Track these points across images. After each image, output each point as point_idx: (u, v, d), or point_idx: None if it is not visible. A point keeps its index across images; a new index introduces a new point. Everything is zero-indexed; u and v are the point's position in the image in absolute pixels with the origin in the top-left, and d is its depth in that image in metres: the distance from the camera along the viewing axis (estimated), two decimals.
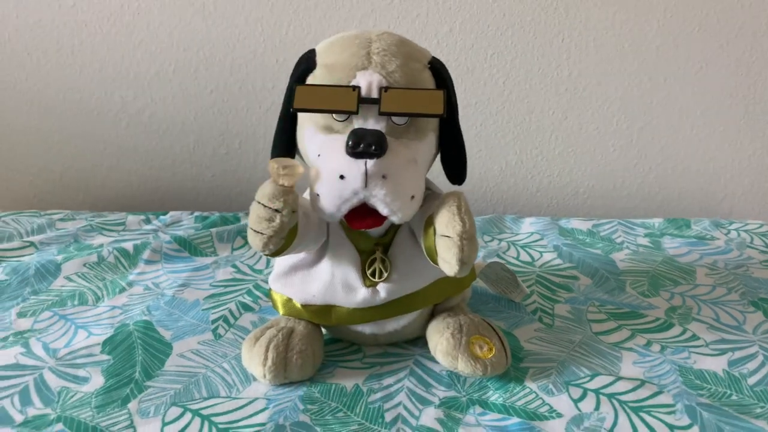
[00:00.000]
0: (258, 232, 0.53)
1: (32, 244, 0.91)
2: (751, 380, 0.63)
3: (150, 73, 1.13)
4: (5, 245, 0.90)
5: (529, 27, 1.13)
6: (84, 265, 0.85)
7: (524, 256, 0.94)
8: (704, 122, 1.19)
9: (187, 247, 0.93)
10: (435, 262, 0.56)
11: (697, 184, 1.23)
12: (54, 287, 0.80)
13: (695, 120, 1.19)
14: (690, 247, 0.99)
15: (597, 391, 0.60)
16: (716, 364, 0.66)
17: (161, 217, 1.05)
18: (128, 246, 0.90)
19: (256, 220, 0.53)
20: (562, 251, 0.96)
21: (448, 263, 0.53)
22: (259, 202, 0.53)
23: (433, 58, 0.61)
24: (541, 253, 0.96)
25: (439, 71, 0.60)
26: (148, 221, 1.03)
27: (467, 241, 0.52)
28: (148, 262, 0.88)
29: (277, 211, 0.52)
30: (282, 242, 0.54)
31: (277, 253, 0.55)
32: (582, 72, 1.16)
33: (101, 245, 0.92)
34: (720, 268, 0.91)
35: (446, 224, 0.53)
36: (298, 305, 0.63)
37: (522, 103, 1.17)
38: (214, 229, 0.98)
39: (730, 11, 1.12)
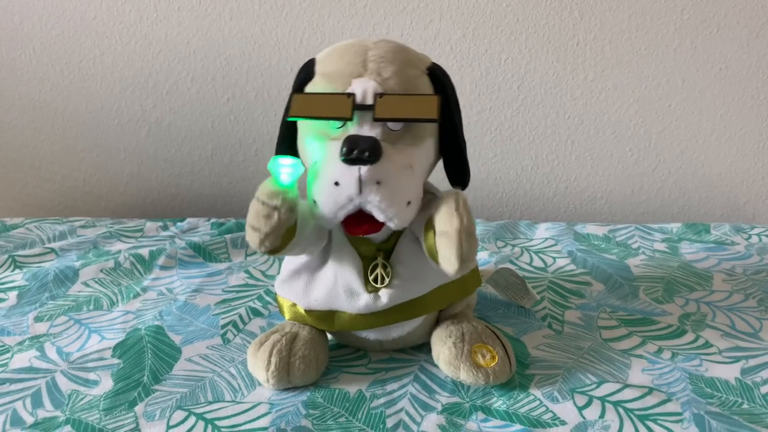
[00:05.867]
0: (255, 229, 0.54)
1: (53, 250, 0.94)
2: (765, 389, 0.62)
3: (168, 82, 1.16)
4: (27, 251, 0.93)
5: (543, 31, 1.12)
6: (101, 270, 0.87)
7: (537, 262, 0.94)
8: (725, 125, 1.17)
9: (202, 253, 0.94)
10: (437, 261, 0.56)
11: (718, 188, 1.21)
12: (71, 292, 0.82)
13: (715, 123, 1.17)
14: (708, 252, 0.97)
15: (603, 399, 0.60)
16: (729, 372, 0.64)
17: (178, 223, 1.07)
18: (144, 252, 0.92)
19: (255, 217, 0.54)
20: (576, 257, 0.95)
21: (448, 260, 0.53)
22: (258, 199, 0.54)
23: (433, 64, 0.61)
24: (554, 258, 0.95)
25: (438, 77, 0.60)
26: (165, 228, 1.05)
27: (466, 237, 0.52)
28: (163, 267, 0.89)
29: (275, 208, 0.53)
30: (279, 241, 0.54)
31: (274, 251, 0.56)
32: (598, 75, 1.14)
33: (119, 251, 0.94)
34: (738, 273, 0.89)
35: (445, 222, 0.53)
36: (302, 310, 0.64)
37: (537, 108, 1.17)
38: (228, 236, 0.99)
39: (749, 11, 1.10)
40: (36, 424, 0.56)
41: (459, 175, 0.63)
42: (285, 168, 0.54)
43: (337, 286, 0.61)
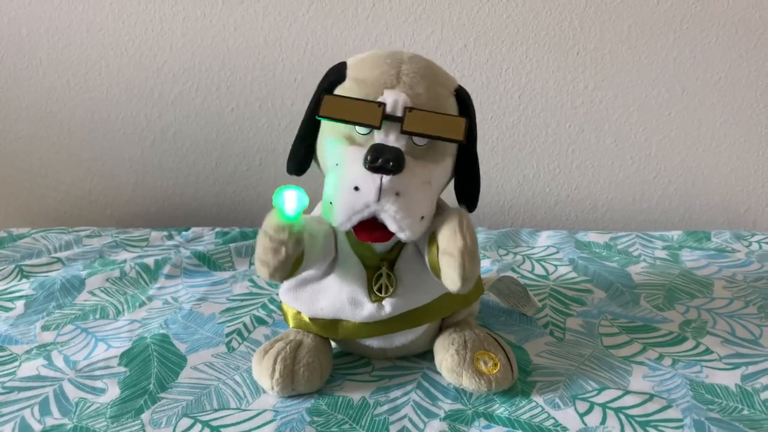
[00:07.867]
0: (265, 263, 0.55)
1: (59, 260, 0.95)
2: (765, 395, 0.62)
3: (173, 92, 1.17)
4: (34, 261, 0.94)
5: (544, 41, 1.13)
6: (107, 280, 0.88)
7: (539, 270, 0.94)
8: (725, 133, 1.18)
9: (207, 261, 0.95)
10: (439, 277, 0.57)
11: (718, 196, 1.21)
12: (78, 301, 0.83)
13: (715, 131, 1.18)
14: (709, 259, 0.97)
15: (604, 405, 0.60)
16: (729, 379, 0.65)
17: (183, 233, 1.08)
18: (149, 261, 0.93)
19: (263, 251, 0.55)
20: (577, 264, 0.95)
21: (451, 279, 0.54)
22: (265, 233, 0.55)
23: (460, 86, 0.62)
24: (556, 266, 0.95)
25: (464, 100, 0.61)
26: (170, 237, 1.06)
27: (468, 258, 0.53)
28: (168, 276, 0.90)
29: (282, 242, 0.54)
30: (288, 271, 0.56)
31: (283, 279, 0.57)
32: (598, 85, 1.15)
33: (124, 261, 0.95)
34: (739, 280, 0.89)
35: (448, 241, 0.54)
36: (307, 318, 0.64)
37: (538, 117, 1.18)
38: (233, 245, 1.00)
39: (748, 21, 1.11)
40: (44, 431, 0.57)
41: (469, 195, 0.64)
42: (290, 199, 0.55)
43: (341, 295, 0.62)
